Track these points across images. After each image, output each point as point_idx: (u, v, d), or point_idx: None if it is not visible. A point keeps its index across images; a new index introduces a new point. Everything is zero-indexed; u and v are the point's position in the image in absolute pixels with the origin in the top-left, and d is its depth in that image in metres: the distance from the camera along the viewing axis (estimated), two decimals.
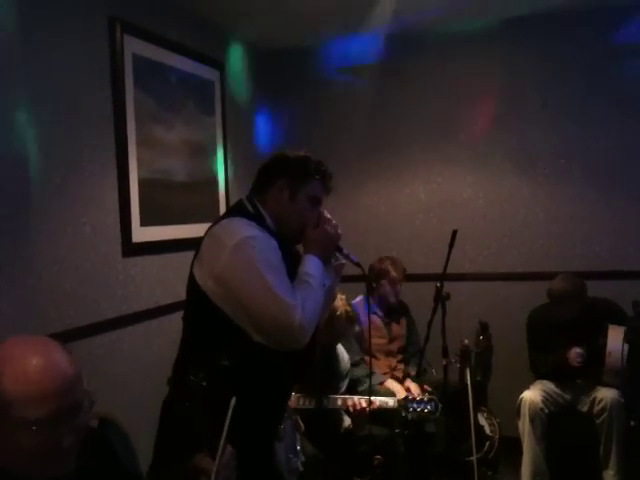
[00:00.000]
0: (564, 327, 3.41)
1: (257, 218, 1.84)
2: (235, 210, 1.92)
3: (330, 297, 1.97)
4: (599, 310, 3.45)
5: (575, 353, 3.34)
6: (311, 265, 1.82)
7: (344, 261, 1.97)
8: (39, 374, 1.20)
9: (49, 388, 1.20)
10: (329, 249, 1.89)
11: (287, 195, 1.86)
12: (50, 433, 1.21)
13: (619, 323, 3.34)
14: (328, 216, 1.91)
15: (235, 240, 1.71)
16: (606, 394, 3.30)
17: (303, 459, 2.23)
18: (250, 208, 1.88)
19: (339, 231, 1.90)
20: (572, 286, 3.41)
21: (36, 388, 1.19)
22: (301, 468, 2.16)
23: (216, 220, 1.90)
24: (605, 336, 3.30)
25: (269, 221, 1.86)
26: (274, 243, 1.78)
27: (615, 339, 3.28)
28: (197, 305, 1.81)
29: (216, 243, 1.76)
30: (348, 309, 3.10)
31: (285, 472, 2.00)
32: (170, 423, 1.80)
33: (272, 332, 1.70)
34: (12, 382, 1.19)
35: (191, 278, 1.81)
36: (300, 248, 1.93)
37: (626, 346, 3.21)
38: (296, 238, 1.91)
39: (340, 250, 1.93)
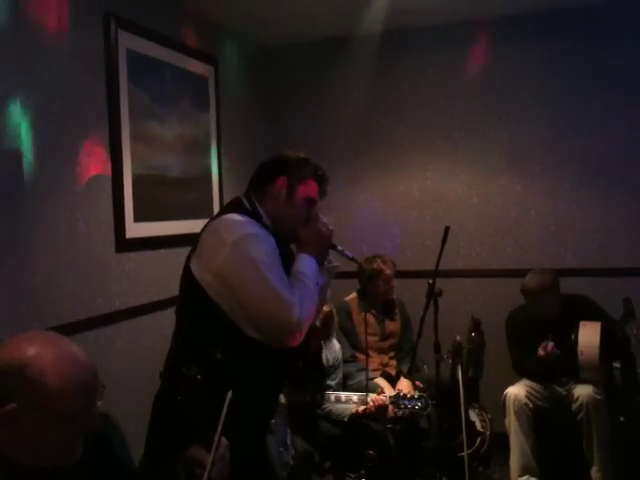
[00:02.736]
0: (543, 326, 3.43)
1: (254, 215, 1.85)
2: (233, 207, 1.92)
3: (324, 298, 1.98)
4: (577, 308, 3.45)
5: (542, 345, 3.36)
6: (305, 264, 1.83)
7: (337, 264, 1.99)
8: (77, 366, 1.27)
9: (88, 378, 1.28)
10: (323, 247, 1.91)
11: (285, 194, 1.89)
12: (86, 420, 1.27)
13: (597, 320, 3.32)
14: (319, 216, 1.93)
15: (235, 236, 1.73)
16: (582, 391, 3.29)
17: (294, 453, 2.25)
18: (247, 205, 1.90)
19: (330, 228, 1.92)
20: (546, 279, 3.41)
21: (79, 379, 1.25)
22: (292, 462, 2.17)
23: (214, 216, 1.92)
24: (576, 334, 3.28)
25: (265, 219, 1.88)
26: (273, 241, 1.80)
27: (587, 336, 3.26)
28: (192, 299, 1.82)
29: (216, 238, 1.77)
30: (325, 309, 3.11)
31: (276, 465, 2.03)
32: (163, 416, 1.81)
33: (269, 328, 1.71)
34: (55, 377, 1.22)
35: (187, 272, 1.82)
36: (294, 248, 1.95)
37: (598, 342, 3.21)
38: (290, 237, 1.92)
39: (334, 247, 1.95)
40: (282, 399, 2.44)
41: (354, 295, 3.80)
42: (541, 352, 3.37)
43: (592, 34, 3.89)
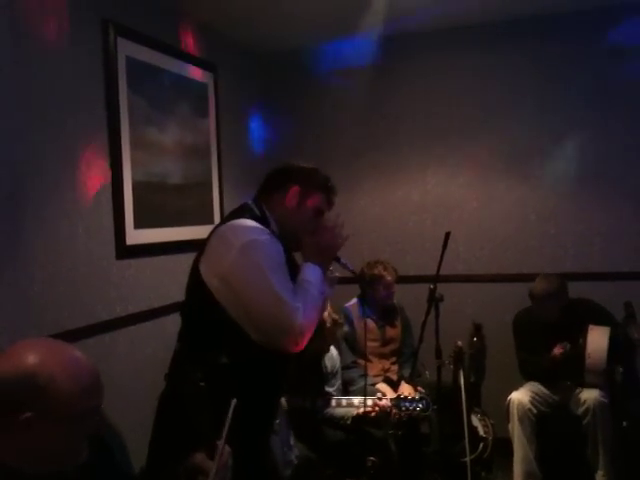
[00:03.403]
0: (548, 328, 3.43)
1: (263, 221, 1.88)
2: (242, 212, 1.94)
3: (323, 306, 2.00)
4: (582, 311, 3.45)
5: (559, 346, 3.35)
6: (311, 273, 1.86)
7: (337, 274, 2.03)
8: (82, 368, 1.30)
9: (93, 379, 1.31)
10: (328, 258, 1.94)
11: (295, 202, 1.92)
12: (94, 421, 1.31)
13: (602, 323, 3.33)
14: (334, 223, 1.96)
15: (243, 241, 1.76)
16: (589, 395, 3.29)
17: (297, 453, 2.24)
18: (257, 211, 1.92)
19: (340, 241, 1.96)
20: (552, 285, 3.42)
21: (86, 381, 1.28)
22: (295, 461, 2.17)
23: (223, 220, 1.95)
24: (585, 337, 3.29)
25: (273, 225, 1.90)
26: (280, 247, 1.82)
27: (595, 340, 3.27)
28: (199, 301, 1.83)
29: (224, 242, 1.80)
30: (335, 317, 3.12)
31: (280, 464, 2.03)
32: (166, 420, 1.82)
33: (272, 333, 1.73)
34: (65, 380, 1.24)
35: (196, 274, 1.83)
36: (298, 256, 1.97)
37: (606, 346, 3.21)
38: (295, 245, 1.95)
39: (338, 259, 1.99)
40: (284, 404, 2.43)
41: (355, 301, 3.79)
42: (556, 352, 3.35)
43: (591, 37, 3.90)
